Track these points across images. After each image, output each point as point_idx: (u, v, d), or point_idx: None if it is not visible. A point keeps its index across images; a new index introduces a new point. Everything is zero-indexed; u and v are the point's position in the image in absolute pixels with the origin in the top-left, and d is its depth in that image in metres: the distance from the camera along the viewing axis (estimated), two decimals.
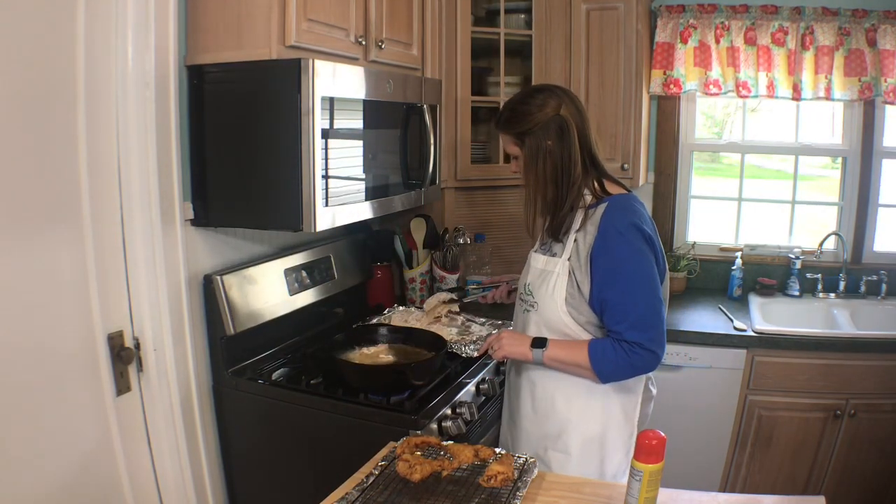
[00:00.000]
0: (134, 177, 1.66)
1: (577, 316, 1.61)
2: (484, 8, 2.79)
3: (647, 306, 1.53)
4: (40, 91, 1.46)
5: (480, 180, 2.73)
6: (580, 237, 1.59)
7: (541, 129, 1.59)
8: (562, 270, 1.61)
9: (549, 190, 1.61)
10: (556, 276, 1.62)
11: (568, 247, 1.62)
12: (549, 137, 1.59)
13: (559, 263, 1.62)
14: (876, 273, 2.86)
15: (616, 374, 1.58)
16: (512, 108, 1.64)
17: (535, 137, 1.59)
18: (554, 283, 1.62)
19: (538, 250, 1.73)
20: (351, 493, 1.26)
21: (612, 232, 1.54)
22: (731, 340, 2.50)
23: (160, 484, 1.82)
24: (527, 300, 1.72)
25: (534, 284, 1.69)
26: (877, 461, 2.49)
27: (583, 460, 1.65)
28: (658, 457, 1.16)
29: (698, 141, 3.14)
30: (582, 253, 1.58)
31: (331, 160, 1.74)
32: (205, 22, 1.74)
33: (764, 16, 2.77)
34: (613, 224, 1.55)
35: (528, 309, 1.71)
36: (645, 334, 1.51)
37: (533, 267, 1.72)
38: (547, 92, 1.63)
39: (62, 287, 1.56)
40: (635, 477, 1.17)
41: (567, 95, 1.63)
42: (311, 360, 1.96)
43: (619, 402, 1.66)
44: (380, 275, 2.61)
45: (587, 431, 1.65)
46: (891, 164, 2.89)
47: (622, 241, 1.54)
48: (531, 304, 1.70)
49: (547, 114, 1.59)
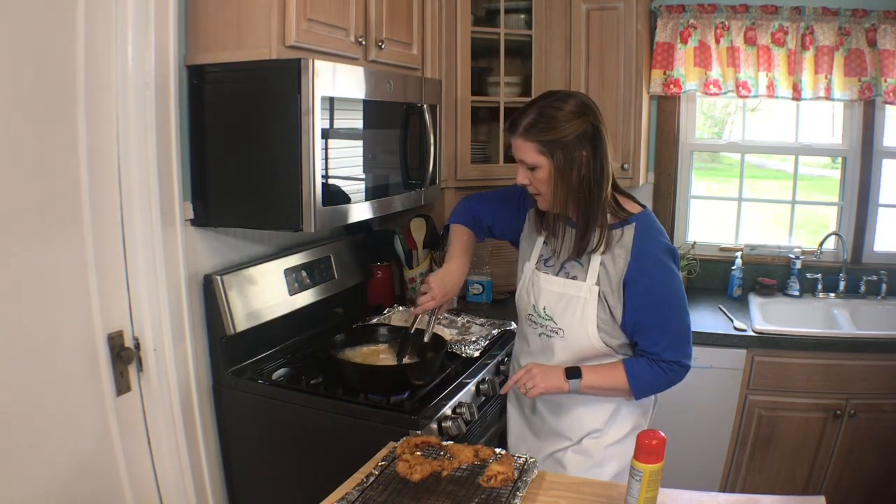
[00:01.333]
0: (134, 177, 1.66)
1: (609, 340, 1.57)
2: (484, 8, 2.79)
3: (681, 325, 1.55)
4: (40, 91, 1.46)
5: (480, 180, 2.72)
6: (608, 261, 1.54)
7: (576, 138, 1.46)
8: (589, 296, 1.55)
9: (579, 205, 1.51)
10: (583, 301, 1.56)
11: (593, 270, 1.55)
12: (584, 148, 1.47)
13: (585, 288, 1.56)
14: (876, 273, 2.86)
15: (652, 391, 1.61)
16: (539, 112, 1.48)
17: (568, 148, 1.46)
18: (582, 309, 1.56)
19: (545, 269, 1.65)
20: (351, 492, 1.26)
21: (648, 258, 1.51)
22: (731, 340, 2.50)
23: (160, 484, 1.82)
24: (545, 325, 1.64)
25: (553, 310, 1.61)
26: (877, 461, 2.49)
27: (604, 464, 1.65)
28: (658, 457, 1.17)
29: (698, 141, 3.14)
30: (613, 278, 1.53)
31: (331, 160, 1.74)
32: (205, 22, 1.74)
33: (764, 16, 2.77)
34: (649, 249, 1.52)
35: (550, 335, 1.63)
36: (680, 351, 1.54)
37: (545, 290, 1.63)
38: (577, 98, 1.51)
39: (62, 287, 1.55)
40: (635, 477, 1.17)
41: (594, 104, 1.53)
42: (311, 360, 1.96)
43: (640, 407, 1.68)
44: (380, 275, 2.61)
45: (610, 436, 1.65)
46: (891, 164, 2.89)
47: (658, 266, 1.52)
48: (553, 331, 1.62)
49: (580, 123, 1.46)
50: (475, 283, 2.71)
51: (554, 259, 1.64)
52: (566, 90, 1.73)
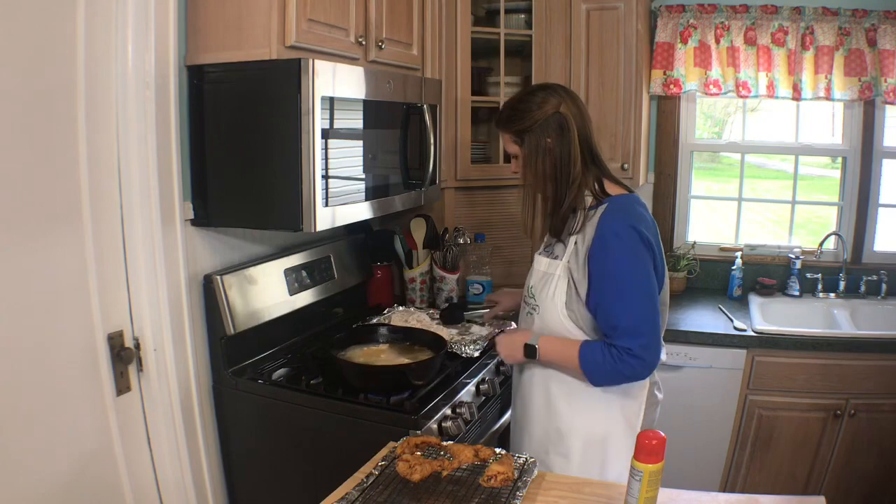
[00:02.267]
0: (134, 177, 1.67)
1: (576, 319, 1.60)
2: (484, 8, 2.79)
3: (640, 312, 1.51)
4: (40, 91, 1.46)
5: (480, 180, 2.73)
6: (579, 239, 1.59)
7: (540, 126, 1.59)
8: (561, 273, 1.61)
9: (548, 187, 1.62)
10: (556, 279, 1.62)
11: (568, 249, 1.61)
12: (549, 135, 1.59)
13: (559, 266, 1.62)
14: (876, 273, 2.87)
15: (605, 379, 1.56)
16: (512, 107, 1.64)
17: (535, 135, 1.59)
18: (554, 286, 1.62)
19: (542, 252, 1.72)
20: (351, 492, 1.26)
21: (608, 234, 1.52)
22: (731, 340, 2.50)
23: (160, 484, 1.82)
24: (530, 303, 1.72)
25: (536, 287, 1.69)
26: (877, 461, 2.49)
27: (584, 465, 1.63)
28: (658, 457, 1.17)
29: (698, 141, 3.14)
30: (580, 256, 1.57)
31: (331, 160, 1.74)
32: (205, 22, 1.74)
33: (764, 16, 2.77)
34: (610, 226, 1.53)
35: (531, 312, 1.71)
36: (636, 340, 1.49)
37: (535, 269, 1.72)
38: (547, 90, 1.63)
39: (62, 287, 1.55)
40: (635, 477, 1.17)
41: (567, 94, 1.63)
42: (311, 360, 1.96)
43: (620, 407, 1.64)
44: (380, 275, 2.61)
45: (588, 436, 1.64)
46: (891, 164, 2.89)
47: (618, 244, 1.52)
48: (533, 308, 1.70)
49: (546, 111, 1.58)
50: (475, 283, 2.71)
51: (548, 244, 1.71)
52: (543, 83, 1.80)
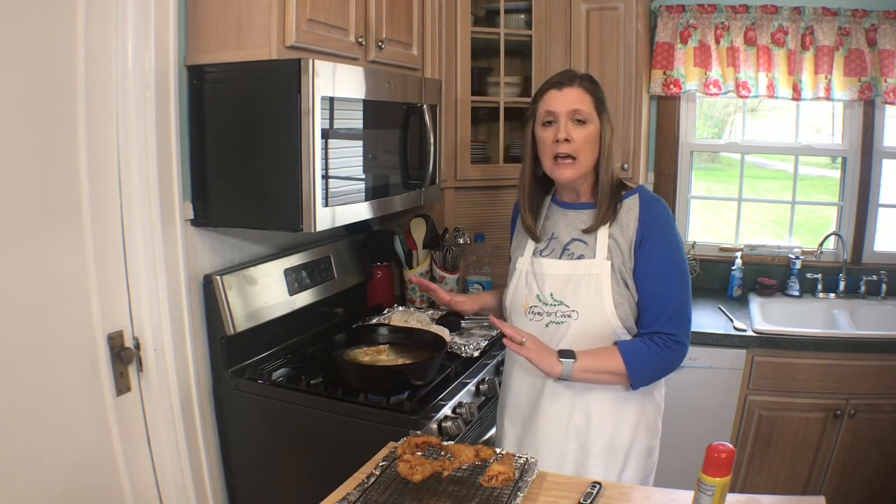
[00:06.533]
0: (134, 177, 1.66)
1: (624, 318, 1.53)
2: (484, 8, 2.79)
3: (684, 297, 1.53)
4: (40, 91, 1.46)
5: (480, 180, 2.72)
6: (616, 232, 1.54)
7: (607, 110, 1.58)
8: (602, 272, 1.52)
9: (601, 172, 1.57)
10: (596, 279, 1.52)
11: (601, 245, 1.54)
12: (611, 121, 1.58)
13: (596, 265, 1.53)
14: (876, 273, 2.87)
15: (650, 375, 1.53)
16: (591, 78, 1.60)
17: (608, 114, 1.58)
18: (596, 286, 1.52)
19: (544, 255, 1.62)
20: (352, 493, 1.26)
21: (657, 223, 1.53)
22: (731, 340, 2.50)
23: (160, 484, 1.82)
24: (555, 311, 1.57)
25: (563, 293, 1.56)
26: (877, 461, 2.49)
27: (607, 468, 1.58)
28: (727, 469, 1.11)
29: (698, 141, 3.14)
30: (624, 247, 1.53)
31: (330, 160, 1.73)
32: (205, 22, 1.74)
33: (764, 16, 2.77)
34: (657, 215, 1.54)
35: (562, 321, 1.56)
36: (679, 325, 1.51)
37: (552, 274, 1.58)
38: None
39: (62, 287, 1.55)
40: (706, 492, 1.11)
41: None
42: (311, 360, 1.96)
43: (645, 412, 1.61)
44: (380, 275, 2.61)
45: (616, 440, 1.59)
46: (891, 164, 2.89)
47: (666, 232, 1.53)
48: (565, 315, 1.55)
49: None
50: (475, 283, 2.71)
51: (552, 246, 1.62)
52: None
